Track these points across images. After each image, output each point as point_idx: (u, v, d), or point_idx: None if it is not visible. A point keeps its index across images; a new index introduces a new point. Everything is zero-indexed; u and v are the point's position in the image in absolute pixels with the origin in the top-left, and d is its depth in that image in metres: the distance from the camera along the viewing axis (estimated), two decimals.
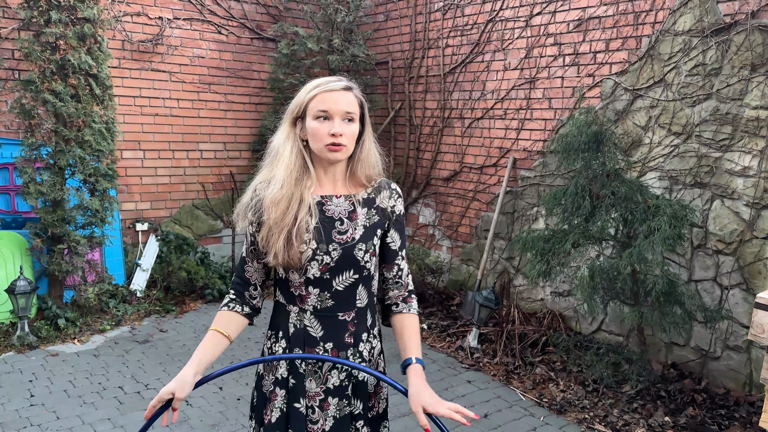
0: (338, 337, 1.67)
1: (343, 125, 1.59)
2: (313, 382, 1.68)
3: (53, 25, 4.28)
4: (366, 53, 5.91)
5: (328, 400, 1.68)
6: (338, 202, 1.67)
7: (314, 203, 1.63)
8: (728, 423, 3.46)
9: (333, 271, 1.64)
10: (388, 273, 1.77)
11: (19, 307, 4.28)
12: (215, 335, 1.65)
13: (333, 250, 1.63)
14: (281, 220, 1.59)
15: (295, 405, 1.67)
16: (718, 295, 3.85)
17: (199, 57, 5.87)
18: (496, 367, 4.22)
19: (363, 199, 1.70)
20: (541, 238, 3.85)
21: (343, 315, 1.68)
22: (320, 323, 1.67)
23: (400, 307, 1.76)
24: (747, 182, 3.68)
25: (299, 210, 1.61)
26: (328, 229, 1.64)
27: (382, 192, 1.73)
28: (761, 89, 3.59)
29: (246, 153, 6.31)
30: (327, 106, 1.58)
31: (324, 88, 1.60)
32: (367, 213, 1.69)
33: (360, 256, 1.65)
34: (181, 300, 5.38)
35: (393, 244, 1.76)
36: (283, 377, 1.69)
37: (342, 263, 1.63)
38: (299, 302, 1.67)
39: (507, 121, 5.14)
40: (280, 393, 1.69)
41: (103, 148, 4.56)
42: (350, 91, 1.62)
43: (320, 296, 1.65)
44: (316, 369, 1.68)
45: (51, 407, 3.51)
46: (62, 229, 4.50)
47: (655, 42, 4.08)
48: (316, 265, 1.62)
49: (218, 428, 3.35)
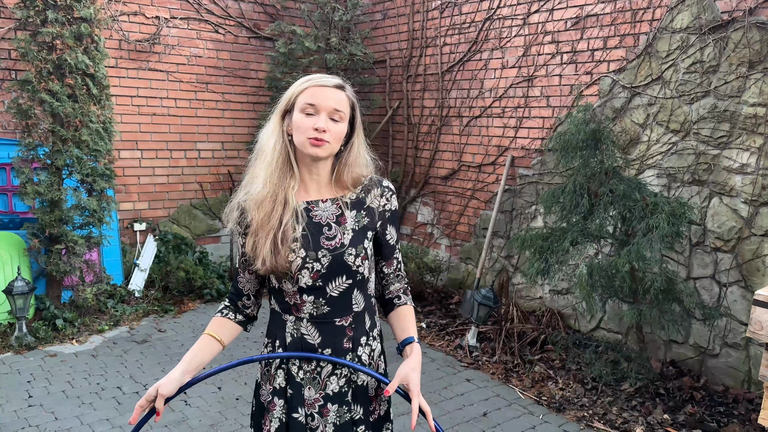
0: (336, 343, 1.65)
1: (328, 122, 1.55)
2: (312, 389, 1.65)
3: (50, 24, 4.27)
4: (364, 52, 5.91)
5: (328, 407, 1.65)
6: (325, 206, 1.64)
7: (301, 209, 1.60)
8: (727, 420, 3.46)
9: (325, 277, 1.61)
10: (388, 269, 1.76)
11: (17, 307, 4.27)
12: (207, 339, 1.65)
13: (323, 257, 1.59)
14: (267, 223, 1.56)
15: (293, 415, 1.65)
16: (717, 293, 3.85)
17: (196, 56, 5.85)
18: (495, 366, 4.21)
19: (351, 201, 1.66)
20: (539, 237, 3.85)
21: (340, 320, 1.65)
22: (317, 330, 1.64)
23: (402, 300, 1.76)
24: (745, 179, 3.68)
25: (284, 213, 1.57)
26: (315, 236, 1.60)
27: (372, 191, 1.68)
28: (759, 86, 3.59)
29: (244, 152, 6.29)
30: (315, 100, 1.55)
31: (315, 82, 1.58)
32: (356, 216, 1.65)
33: (351, 261, 1.61)
34: (180, 300, 5.37)
35: (391, 240, 1.74)
36: (281, 387, 1.66)
37: (333, 270, 1.61)
38: (295, 311, 1.65)
39: (505, 120, 5.13)
40: (279, 403, 1.66)
41: (100, 148, 4.55)
42: (342, 90, 1.59)
43: (315, 303, 1.63)
44: (315, 375, 1.65)
45: (49, 408, 3.50)
46: (60, 229, 4.49)
47: (652, 39, 4.08)
48: (307, 273, 1.60)
49: (217, 428, 3.34)
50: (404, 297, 1.76)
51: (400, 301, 1.75)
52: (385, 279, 1.77)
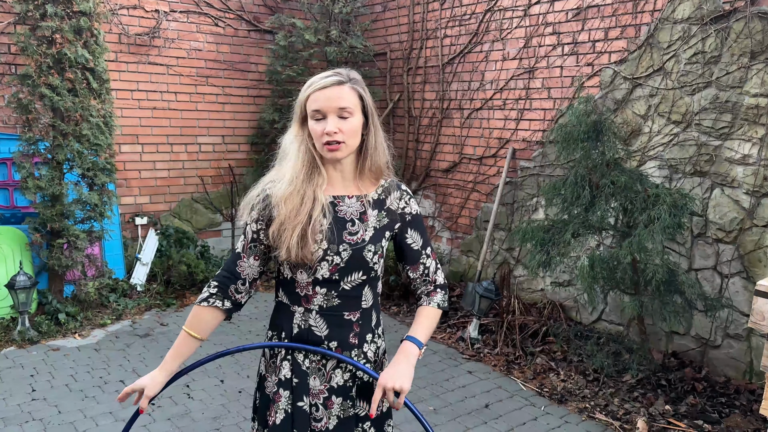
0: (343, 337, 1.67)
1: (338, 122, 1.56)
2: (317, 379, 1.67)
3: (49, 18, 4.25)
4: (364, 44, 5.89)
5: (332, 399, 1.67)
6: (350, 203, 1.66)
7: (327, 203, 1.62)
8: (728, 411, 3.47)
9: (342, 271, 1.63)
10: (414, 273, 1.78)
11: (20, 302, 4.28)
12: (185, 338, 1.67)
13: (343, 251, 1.62)
14: (294, 217, 1.58)
15: (298, 404, 1.66)
16: (719, 284, 3.85)
17: (196, 50, 5.84)
18: (497, 358, 4.22)
19: (374, 200, 1.69)
20: (540, 229, 3.85)
21: (349, 315, 1.67)
22: (326, 322, 1.66)
23: (422, 300, 1.79)
24: (747, 170, 3.67)
25: (313, 208, 1.60)
26: (339, 230, 1.63)
27: (393, 193, 1.71)
28: (761, 77, 3.58)
29: (245, 146, 6.29)
30: (319, 105, 1.56)
31: (315, 87, 1.58)
32: (378, 215, 1.68)
33: (369, 257, 1.64)
34: (182, 294, 5.38)
35: (414, 245, 1.75)
36: (287, 378, 1.67)
37: (351, 264, 1.63)
38: (305, 302, 1.66)
39: (506, 112, 5.12)
40: (284, 394, 1.67)
41: (101, 142, 4.55)
42: (343, 85, 1.57)
43: (327, 296, 1.64)
44: (320, 366, 1.67)
45: (53, 401, 3.52)
46: (61, 223, 4.50)
47: (654, 30, 4.06)
48: (326, 265, 1.62)
49: (220, 421, 3.35)
50: (425, 299, 1.79)
51: (421, 302, 1.79)
52: (413, 284, 1.80)
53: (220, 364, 4.00)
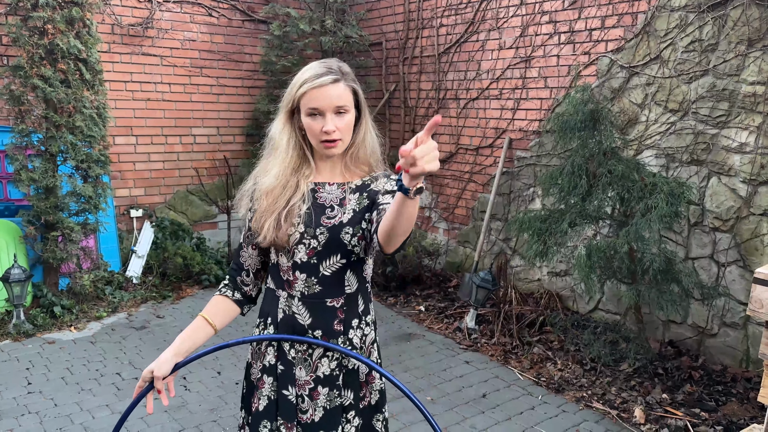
0: (327, 324, 1.65)
1: (335, 119, 1.56)
2: (303, 370, 1.65)
3: (41, 8, 4.21)
4: (359, 34, 5.84)
5: (318, 389, 1.65)
6: (330, 189, 1.66)
7: (308, 190, 1.64)
8: (725, 399, 3.48)
9: (320, 255, 1.62)
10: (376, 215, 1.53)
11: (14, 295, 4.25)
12: (201, 321, 1.67)
13: (320, 234, 1.61)
14: (273, 204, 1.62)
15: (283, 392, 1.65)
16: (715, 273, 3.85)
17: (190, 40, 5.79)
18: (494, 348, 4.22)
19: (356, 186, 1.67)
20: (537, 219, 3.84)
21: (332, 301, 1.65)
22: (308, 310, 1.65)
23: None
24: (744, 159, 3.67)
25: (293, 196, 1.62)
26: (318, 215, 1.63)
27: (380, 179, 1.68)
28: (758, 64, 3.56)
29: (240, 137, 6.26)
30: (317, 104, 1.55)
31: (312, 84, 1.55)
32: (358, 198, 1.66)
33: (347, 239, 1.61)
34: (178, 286, 5.36)
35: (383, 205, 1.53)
36: (271, 364, 1.67)
37: (329, 247, 1.61)
38: (287, 287, 1.67)
39: (502, 101, 5.10)
40: (268, 380, 1.67)
41: (94, 134, 4.51)
42: (339, 83, 1.57)
43: (307, 281, 1.64)
44: (306, 356, 1.66)
45: (49, 394, 3.50)
46: (55, 216, 4.47)
47: (651, 18, 4.03)
48: (303, 248, 1.62)
49: (217, 412, 3.35)
50: None
51: None
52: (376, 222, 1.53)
53: (217, 356, 3.99)
